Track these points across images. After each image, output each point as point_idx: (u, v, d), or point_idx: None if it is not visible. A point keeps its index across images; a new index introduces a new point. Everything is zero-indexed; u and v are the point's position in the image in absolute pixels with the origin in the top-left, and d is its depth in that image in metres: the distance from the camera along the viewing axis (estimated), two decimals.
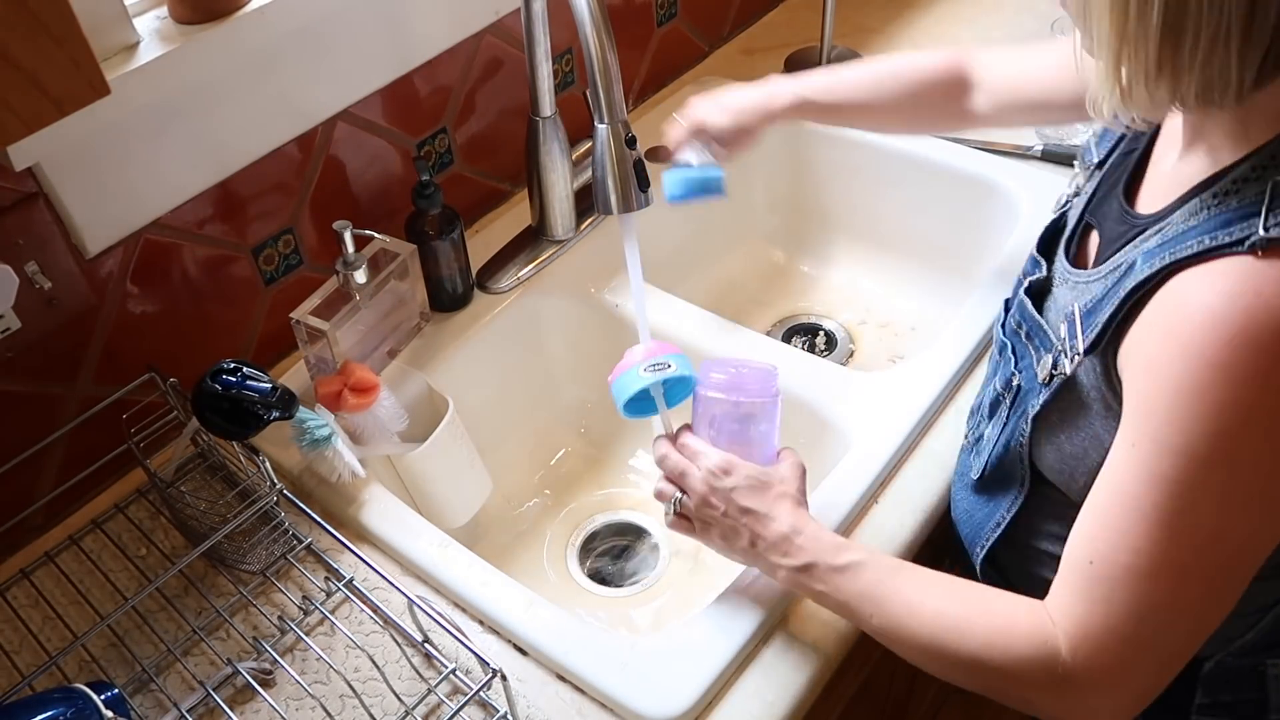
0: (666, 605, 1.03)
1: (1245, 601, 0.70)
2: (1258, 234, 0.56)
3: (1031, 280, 0.78)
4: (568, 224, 1.15)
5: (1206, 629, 0.63)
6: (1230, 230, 0.58)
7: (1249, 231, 0.57)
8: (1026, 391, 0.74)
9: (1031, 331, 0.76)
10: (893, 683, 1.12)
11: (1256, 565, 0.61)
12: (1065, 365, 0.68)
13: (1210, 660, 0.74)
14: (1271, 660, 0.74)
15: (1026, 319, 0.77)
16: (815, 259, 1.37)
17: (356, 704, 0.77)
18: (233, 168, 0.94)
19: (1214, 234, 0.59)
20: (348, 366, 0.92)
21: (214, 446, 0.94)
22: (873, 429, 0.94)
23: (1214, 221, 0.59)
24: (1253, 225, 0.57)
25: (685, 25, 1.41)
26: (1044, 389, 0.71)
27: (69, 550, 0.90)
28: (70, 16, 0.56)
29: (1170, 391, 0.58)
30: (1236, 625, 0.72)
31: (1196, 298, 0.58)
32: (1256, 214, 0.57)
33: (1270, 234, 0.56)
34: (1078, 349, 0.67)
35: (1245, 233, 0.57)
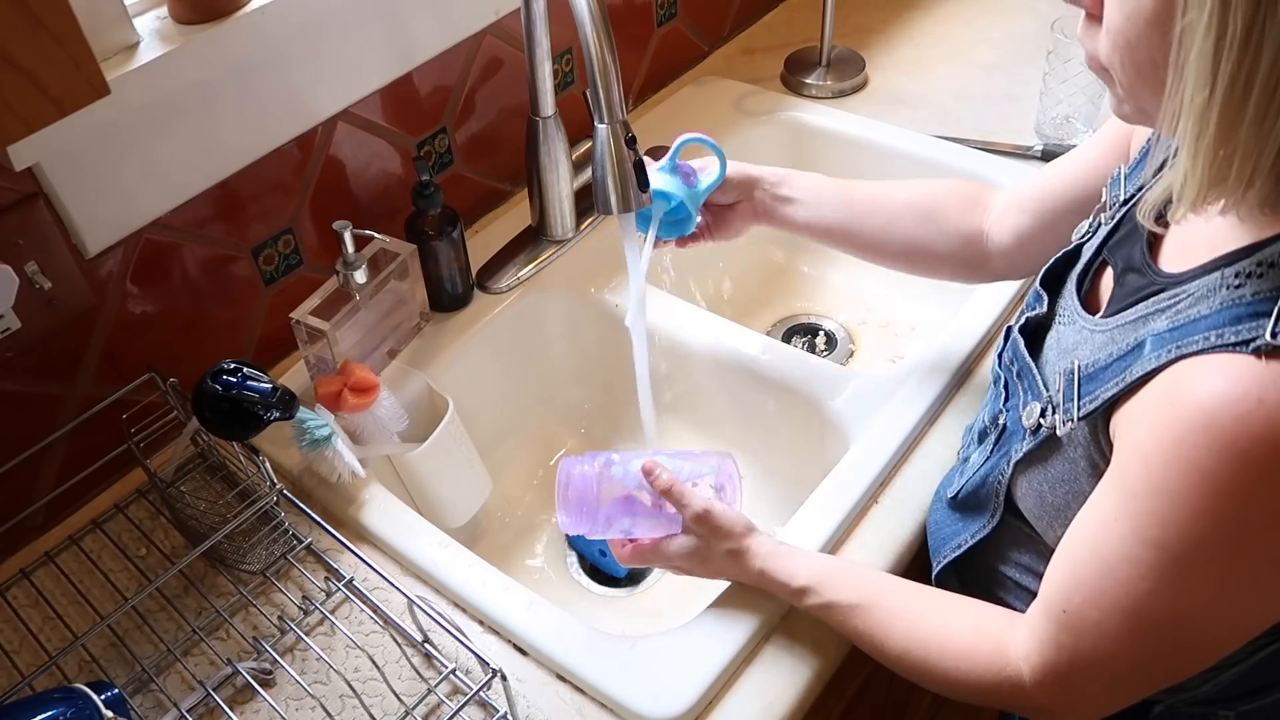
0: (666, 605, 1.03)
1: None
2: (1264, 339, 0.54)
3: (1029, 317, 0.76)
4: (568, 224, 1.15)
5: (1166, 682, 0.66)
6: (1238, 329, 0.55)
7: (1257, 333, 0.54)
8: (1011, 433, 0.73)
9: (1022, 372, 0.74)
10: (893, 683, 1.12)
11: (1225, 648, 0.62)
12: (1056, 422, 0.67)
13: (1161, 705, 0.75)
14: (1223, 711, 0.74)
15: (1019, 358, 0.75)
16: (815, 259, 1.37)
17: (356, 704, 0.77)
18: (233, 168, 0.94)
19: (1221, 331, 0.56)
20: (348, 366, 0.92)
21: (214, 446, 0.94)
22: (873, 429, 0.94)
23: (1226, 315, 0.57)
24: (1262, 326, 0.54)
25: (685, 25, 1.41)
26: (1029, 436, 0.70)
27: (69, 550, 0.90)
28: (70, 16, 0.56)
29: (1153, 486, 0.57)
30: (1194, 679, 0.72)
31: (1192, 392, 0.56)
32: (1268, 314, 0.54)
33: (1277, 340, 0.53)
34: (1072, 414, 0.66)
35: (1253, 334, 0.54)
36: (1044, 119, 1.26)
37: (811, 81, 1.38)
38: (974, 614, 0.73)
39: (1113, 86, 0.61)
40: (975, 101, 1.34)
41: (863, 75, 1.39)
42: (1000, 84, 1.37)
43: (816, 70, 1.40)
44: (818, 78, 1.39)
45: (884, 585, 0.77)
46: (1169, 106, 0.53)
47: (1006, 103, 1.33)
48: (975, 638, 0.71)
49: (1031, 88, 1.29)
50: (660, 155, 1.20)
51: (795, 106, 1.35)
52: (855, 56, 1.42)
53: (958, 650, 0.71)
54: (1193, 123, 0.52)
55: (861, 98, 1.38)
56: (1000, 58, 1.42)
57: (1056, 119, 1.24)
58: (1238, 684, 0.71)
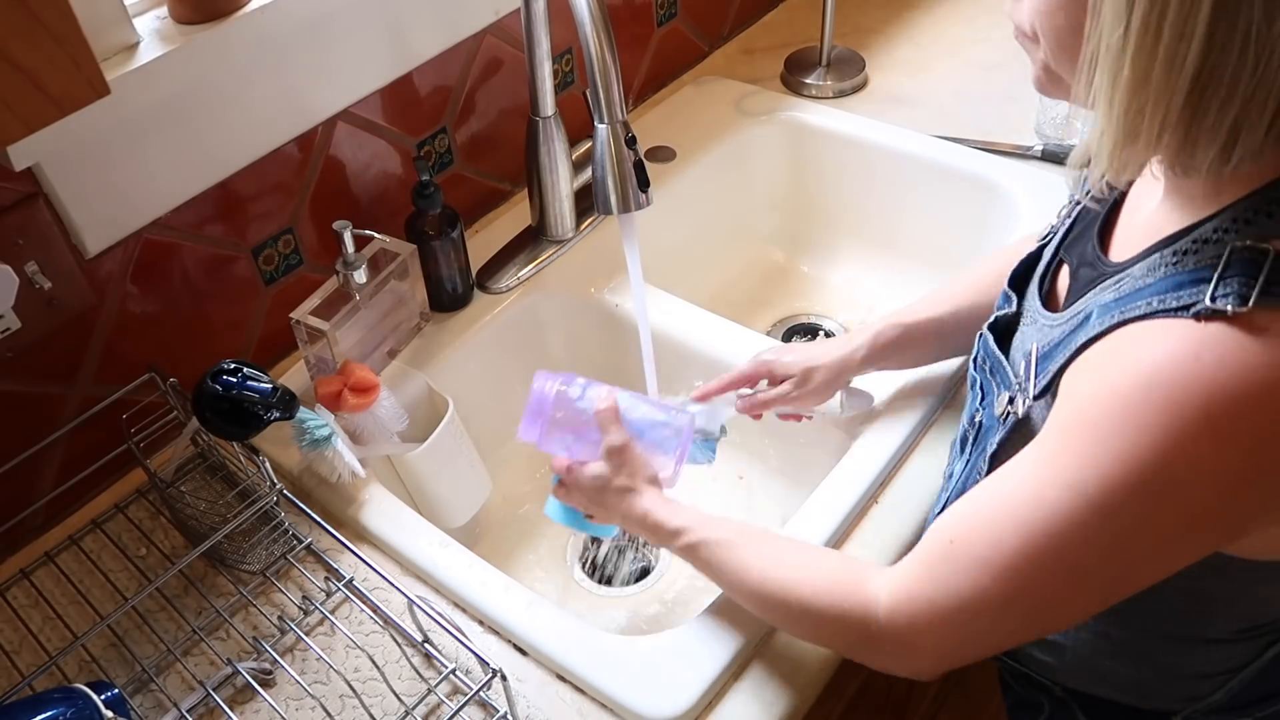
0: (666, 605, 1.03)
1: (1215, 662, 0.71)
2: (1203, 303, 0.54)
3: (998, 316, 0.77)
4: (568, 224, 1.15)
5: (1024, 638, 0.66)
6: (1180, 294, 0.56)
7: (1197, 298, 0.55)
8: (987, 429, 0.74)
9: (994, 368, 0.75)
10: (893, 683, 1.12)
11: (1102, 604, 0.62)
12: (1019, 405, 0.68)
13: (1178, 716, 0.74)
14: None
15: (989, 355, 0.76)
16: (815, 259, 1.37)
17: (356, 704, 0.77)
18: (233, 167, 0.94)
19: (1163, 296, 0.57)
20: (348, 366, 0.92)
21: (214, 446, 0.94)
22: (873, 430, 0.94)
23: (1167, 283, 0.58)
24: (1201, 292, 0.55)
25: (685, 25, 1.41)
26: (1000, 426, 0.71)
27: (69, 550, 0.90)
28: (70, 16, 0.56)
29: (1081, 427, 0.58)
30: (1205, 686, 0.72)
31: (1134, 353, 0.57)
32: (1208, 280, 0.55)
33: (1215, 304, 0.54)
34: (1029, 392, 0.67)
35: (1193, 299, 0.55)
36: (1044, 119, 1.26)
37: (811, 81, 1.38)
38: (844, 558, 0.74)
39: (1035, 55, 0.64)
40: (975, 101, 1.34)
41: (863, 75, 1.39)
42: (1000, 84, 1.37)
43: (816, 70, 1.40)
44: (818, 78, 1.39)
45: (758, 529, 0.78)
46: (1086, 52, 0.55)
47: (1006, 103, 1.33)
48: (840, 567, 0.72)
49: (1031, 88, 1.28)
50: (660, 155, 1.20)
51: (795, 106, 1.35)
52: (855, 56, 1.42)
53: (818, 575, 0.72)
54: (1107, 71, 0.54)
55: (861, 98, 1.38)
56: (1000, 58, 1.42)
57: (1056, 119, 1.24)
58: (1250, 688, 0.72)
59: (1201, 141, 0.54)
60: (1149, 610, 0.70)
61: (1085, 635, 0.73)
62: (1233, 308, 0.53)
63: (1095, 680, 0.76)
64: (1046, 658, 0.77)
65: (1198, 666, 0.72)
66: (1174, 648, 0.71)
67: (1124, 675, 0.74)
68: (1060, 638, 0.75)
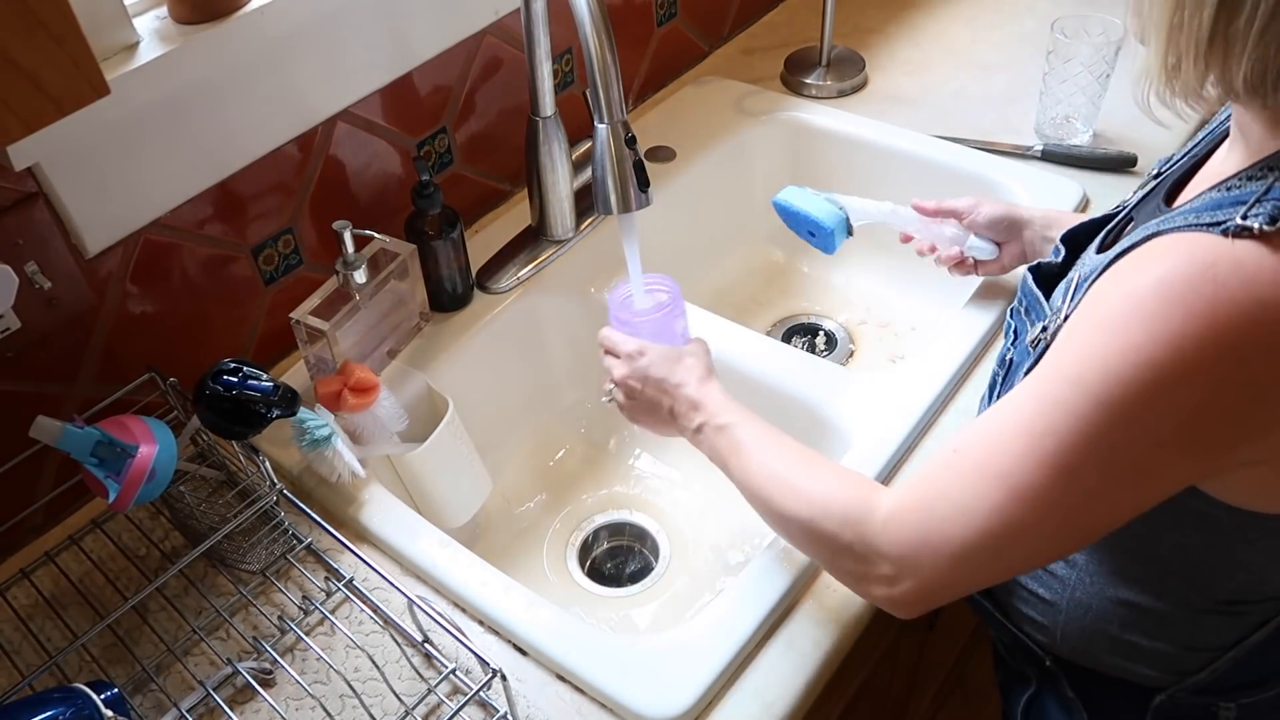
0: (666, 605, 1.03)
1: (1203, 634, 0.71)
2: (1234, 221, 0.56)
3: (1043, 263, 0.79)
4: (568, 224, 1.15)
5: (1016, 560, 0.64)
6: (1215, 214, 0.58)
7: (1230, 216, 0.56)
8: (1017, 364, 0.74)
9: (1030, 306, 0.76)
10: (893, 682, 1.12)
11: (1094, 528, 0.61)
12: (1051, 330, 0.68)
13: (1163, 694, 0.74)
14: (1224, 704, 0.73)
15: (1026, 295, 0.77)
16: (815, 259, 1.37)
17: (356, 704, 0.77)
18: (233, 168, 0.94)
19: (1199, 214, 0.59)
20: (347, 367, 0.92)
21: (214, 446, 0.94)
22: (873, 429, 0.94)
23: (1206, 205, 0.59)
24: (1237, 211, 0.56)
25: (685, 25, 1.41)
26: (1031, 355, 0.71)
27: (69, 550, 0.90)
28: (70, 16, 0.56)
29: (1090, 324, 0.59)
30: (1191, 659, 0.72)
31: (1156, 256, 0.58)
32: (1245, 203, 0.57)
33: (1246, 221, 0.55)
34: (1063, 313, 0.67)
35: (1226, 217, 0.57)
36: (1044, 119, 1.26)
37: (811, 81, 1.38)
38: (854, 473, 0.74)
39: None
40: (975, 101, 1.34)
41: (863, 75, 1.39)
42: (1000, 84, 1.37)
43: (816, 70, 1.40)
44: (818, 78, 1.39)
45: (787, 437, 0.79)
46: None
47: (1006, 103, 1.33)
48: (855, 476, 0.73)
49: (1031, 88, 1.29)
50: (660, 155, 1.20)
51: (795, 106, 1.35)
52: (855, 56, 1.42)
53: (832, 474, 0.73)
54: None
55: (861, 98, 1.38)
56: (1000, 58, 1.42)
57: (1056, 119, 1.24)
58: (1236, 672, 0.72)
59: (1235, 54, 0.55)
60: (1141, 570, 0.70)
61: (1079, 595, 0.73)
62: (1260, 225, 0.54)
63: (1085, 648, 0.76)
64: (1040, 618, 0.77)
65: (1185, 636, 0.72)
66: (1163, 613, 0.71)
67: (1113, 642, 0.74)
68: (1055, 596, 0.75)
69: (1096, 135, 1.25)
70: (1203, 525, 0.65)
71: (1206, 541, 0.66)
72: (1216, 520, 0.64)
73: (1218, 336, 0.54)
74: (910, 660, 1.12)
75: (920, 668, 1.18)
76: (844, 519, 0.68)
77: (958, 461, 0.63)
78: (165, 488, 0.81)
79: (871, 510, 0.67)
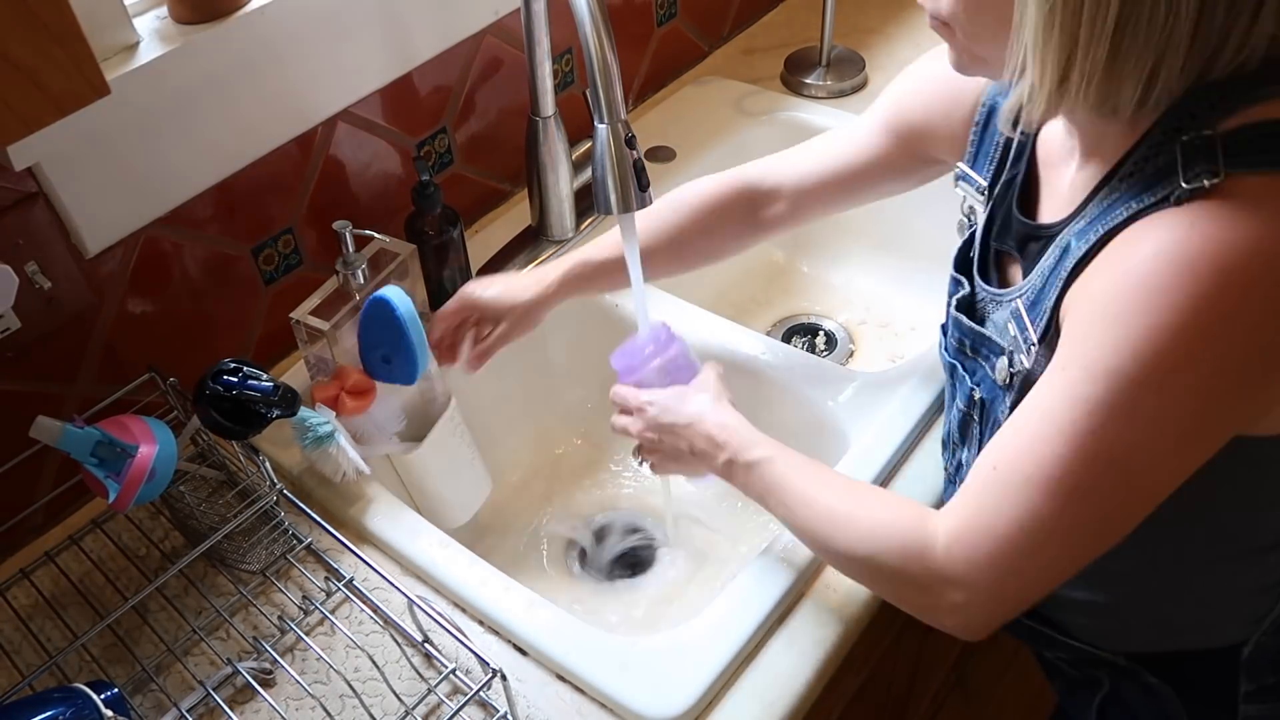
0: (666, 605, 1.03)
1: (1271, 570, 0.72)
2: (1180, 187, 0.58)
3: (958, 298, 0.79)
4: (568, 224, 1.15)
5: (1085, 554, 0.64)
6: (1154, 191, 0.59)
7: (1171, 188, 0.58)
8: (992, 401, 0.74)
9: (976, 344, 0.76)
10: (893, 682, 1.12)
11: (1153, 501, 0.61)
12: (1022, 360, 0.68)
13: (1248, 644, 0.74)
14: None
15: (966, 333, 0.77)
16: (815, 259, 1.37)
17: (356, 704, 0.77)
18: (233, 168, 0.94)
19: (1139, 197, 0.60)
20: (344, 370, 0.92)
21: (214, 446, 0.94)
22: (872, 429, 0.94)
23: (1134, 189, 0.61)
24: (1174, 182, 0.58)
25: (685, 25, 1.41)
26: (1007, 392, 0.71)
27: (69, 550, 0.90)
28: (70, 16, 0.56)
29: (1106, 315, 0.59)
30: (1265, 600, 0.73)
31: (1131, 249, 0.59)
32: (1174, 173, 0.58)
33: (1189, 185, 0.57)
34: (1031, 340, 0.67)
35: (1167, 190, 0.58)
36: None
37: (811, 81, 1.38)
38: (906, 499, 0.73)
39: (954, 40, 0.69)
40: None
41: (863, 75, 1.39)
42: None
43: (816, 70, 1.40)
44: (818, 78, 1.39)
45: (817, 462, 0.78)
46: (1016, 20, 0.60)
47: None
48: (901, 502, 0.72)
49: None
50: (660, 155, 1.19)
51: (795, 106, 1.35)
52: (855, 56, 1.42)
53: (879, 503, 0.71)
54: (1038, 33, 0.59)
55: (861, 98, 1.38)
56: None
57: None
58: None
59: (1126, 82, 0.58)
60: (1202, 531, 0.70)
61: (1142, 585, 0.74)
62: (1208, 182, 0.57)
63: (1161, 633, 0.76)
64: (1106, 623, 0.77)
65: (1255, 578, 0.72)
66: (1230, 567, 0.72)
67: (1189, 615, 0.75)
68: (1117, 597, 0.75)
69: None
70: (1256, 467, 0.66)
71: (1262, 481, 0.68)
72: (1268, 456, 0.66)
73: (1229, 283, 0.55)
74: (911, 660, 1.12)
75: (920, 667, 1.18)
76: (904, 552, 0.67)
77: (1002, 478, 0.63)
78: (165, 488, 0.81)
79: (929, 539, 0.66)
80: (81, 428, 0.77)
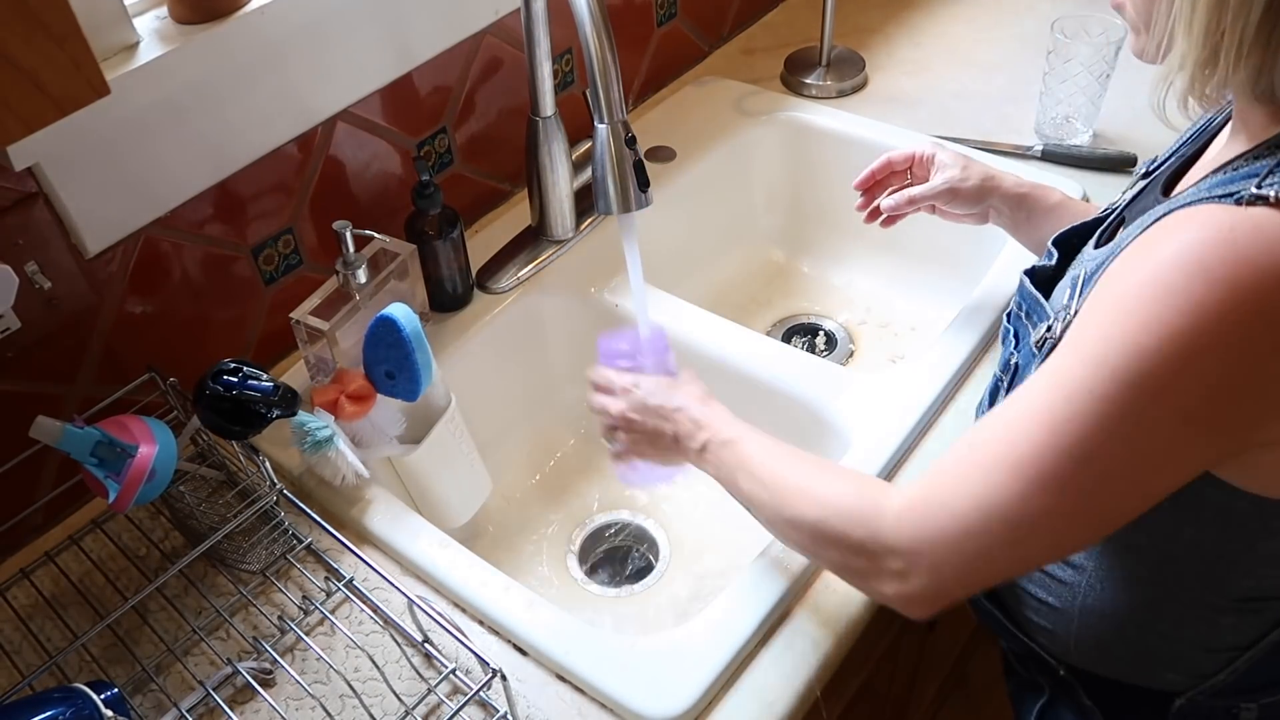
0: (666, 605, 1.03)
1: (1220, 634, 0.70)
2: (1249, 190, 0.55)
3: (1037, 267, 0.78)
4: (568, 224, 1.15)
5: (1033, 552, 0.62)
6: (1228, 187, 0.57)
7: (1244, 187, 0.56)
8: (1024, 367, 0.73)
9: (1030, 309, 0.75)
10: (893, 683, 1.12)
11: (1116, 513, 0.60)
12: (1058, 328, 0.67)
13: (1182, 697, 0.73)
14: (1245, 704, 0.72)
15: (1025, 298, 0.76)
16: (815, 259, 1.37)
17: (356, 704, 0.77)
18: (233, 168, 0.94)
19: (1211, 190, 0.58)
20: (344, 375, 0.92)
21: (214, 446, 0.94)
22: (873, 429, 0.94)
23: (1216, 181, 0.59)
24: (1249, 184, 0.56)
25: (685, 25, 1.41)
26: (1038, 357, 0.70)
27: (69, 550, 0.90)
28: (70, 16, 0.56)
29: (1108, 305, 0.57)
30: (1209, 661, 0.71)
31: (1169, 231, 0.57)
32: (1257, 175, 0.56)
33: (1261, 190, 0.55)
34: (1074, 309, 0.66)
35: (1241, 188, 0.56)
36: (1044, 119, 1.26)
37: (811, 81, 1.38)
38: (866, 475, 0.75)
39: (1132, 21, 0.65)
40: (975, 101, 1.34)
41: (863, 75, 1.39)
42: (1000, 84, 1.37)
43: (816, 70, 1.40)
44: (818, 78, 1.39)
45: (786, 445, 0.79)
46: None
47: (1006, 103, 1.33)
48: (869, 478, 0.73)
49: (1031, 88, 1.29)
50: (660, 155, 1.19)
51: (795, 106, 1.35)
52: (855, 56, 1.42)
53: (845, 475, 0.72)
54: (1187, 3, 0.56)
55: (861, 98, 1.38)
56: (1000, 58, 1.42)
57: (1056, 119, 1.24)
58: (1256, 672, 0.71)
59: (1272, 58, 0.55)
60: (1157, 568, 0.69)
61: (1090, 602, 0.73)
62: (1276, 193, 0.54)
63: (1100, 656, 0.76)
64: (1053, 628, 0.77)
65: (1202, 637, 0.71)
66: (1179, 614, 0.70)
67: (1129, 648, 0.73)
68: (1066, 604, 0.74)
69: (1096, 135, 1.25)
70: (1222, 518, 0.64)
71: (1225, 535, 0.65)
72: (1237, 511, 0.63)
73: (1240, 302, 0.53)
74: (911, 660, 1.12)
75: (921, 667, 1.18)
76: (854, 516, 0.67)
77: (974, 455, 0.62)
78: (165, 488, 0.81)
79: (882, 505, 0.66)
80: (81, 428, 0.77)
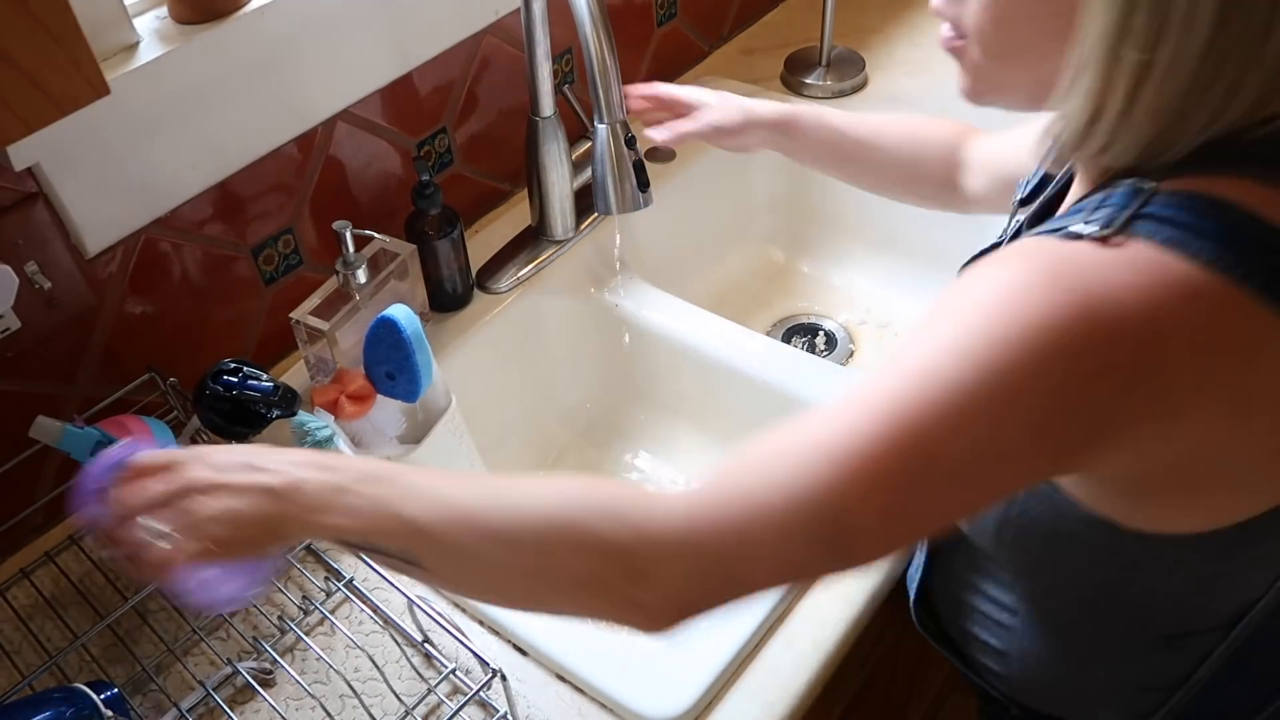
0: None
1: (1152, 673, 0.69)
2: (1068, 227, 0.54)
3: None
4: (568, 224, 1.15)
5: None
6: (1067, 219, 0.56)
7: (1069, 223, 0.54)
8: None
9: None
10: (893, 683, 1.12)
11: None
12: None
13: None
14: None
15: None
16: (815, 259, 1.37)
17: (356, 704, 0.77)
18: (233, 168, 0.94)
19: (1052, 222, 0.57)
20: (344, 375, 0.92)
21: None
22: None
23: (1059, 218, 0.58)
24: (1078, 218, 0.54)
25: (685, 25, 1.41)
26: None
27: (69, 550, 0.90)
28: (70, 16, 0.56)
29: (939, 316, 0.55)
30: (1145, 700, 0.70)
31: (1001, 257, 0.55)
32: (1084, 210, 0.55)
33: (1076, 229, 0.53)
34: None
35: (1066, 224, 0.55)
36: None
37: (811, 81, 1.39)
38: None
39: (967, 61, 0.62)
40: None
41: (863, 75, 1.39)
42: None
43: (816, 70, 1.40)
44: (818, 78, 1.39)
45: None
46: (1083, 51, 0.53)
47: None
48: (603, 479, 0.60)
49: None
50: (660, 155, 1.19)
51: None
52: (855, 56, 1.42)
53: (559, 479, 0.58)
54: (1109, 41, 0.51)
55: (861, 98, 1.38)
56: None
57: None
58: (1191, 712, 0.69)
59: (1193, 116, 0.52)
60: (1079, 612, 0.68)
61: (1028, 644, 0.72)
62: (1091, 231, 0.53)
63: (1045, 696, 0.75)
64: (998, 669, 0.76)
65: (1138, 676, 0.70)
66: (1110, 653, 0.69)
67: (1066, 689, 0.73)
68: (1007, 646, 0.74)
69: None
70: (1115, 559, 0.62)
71: (1125, 576, 0.63)
72: (1126, 551, 0.61)
73: (1052, 329, 0.50)
74: (911, 661, 1.12)
75: (921, 668, 1.18)
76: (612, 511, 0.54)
77: (783, 442, 0.54)
78: None
79: (653, 498, 0.55)
80: (81, 428, 0.77)
